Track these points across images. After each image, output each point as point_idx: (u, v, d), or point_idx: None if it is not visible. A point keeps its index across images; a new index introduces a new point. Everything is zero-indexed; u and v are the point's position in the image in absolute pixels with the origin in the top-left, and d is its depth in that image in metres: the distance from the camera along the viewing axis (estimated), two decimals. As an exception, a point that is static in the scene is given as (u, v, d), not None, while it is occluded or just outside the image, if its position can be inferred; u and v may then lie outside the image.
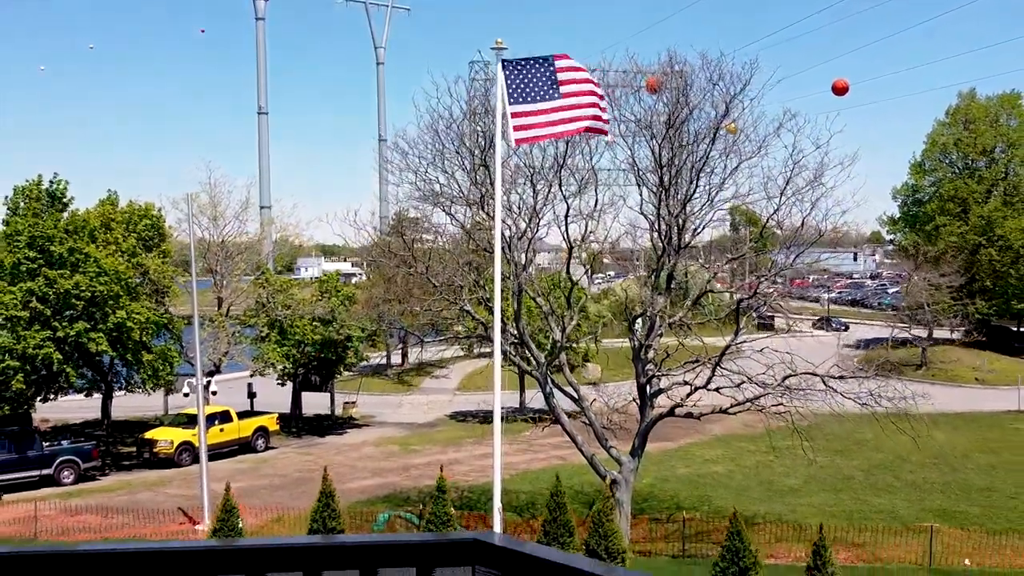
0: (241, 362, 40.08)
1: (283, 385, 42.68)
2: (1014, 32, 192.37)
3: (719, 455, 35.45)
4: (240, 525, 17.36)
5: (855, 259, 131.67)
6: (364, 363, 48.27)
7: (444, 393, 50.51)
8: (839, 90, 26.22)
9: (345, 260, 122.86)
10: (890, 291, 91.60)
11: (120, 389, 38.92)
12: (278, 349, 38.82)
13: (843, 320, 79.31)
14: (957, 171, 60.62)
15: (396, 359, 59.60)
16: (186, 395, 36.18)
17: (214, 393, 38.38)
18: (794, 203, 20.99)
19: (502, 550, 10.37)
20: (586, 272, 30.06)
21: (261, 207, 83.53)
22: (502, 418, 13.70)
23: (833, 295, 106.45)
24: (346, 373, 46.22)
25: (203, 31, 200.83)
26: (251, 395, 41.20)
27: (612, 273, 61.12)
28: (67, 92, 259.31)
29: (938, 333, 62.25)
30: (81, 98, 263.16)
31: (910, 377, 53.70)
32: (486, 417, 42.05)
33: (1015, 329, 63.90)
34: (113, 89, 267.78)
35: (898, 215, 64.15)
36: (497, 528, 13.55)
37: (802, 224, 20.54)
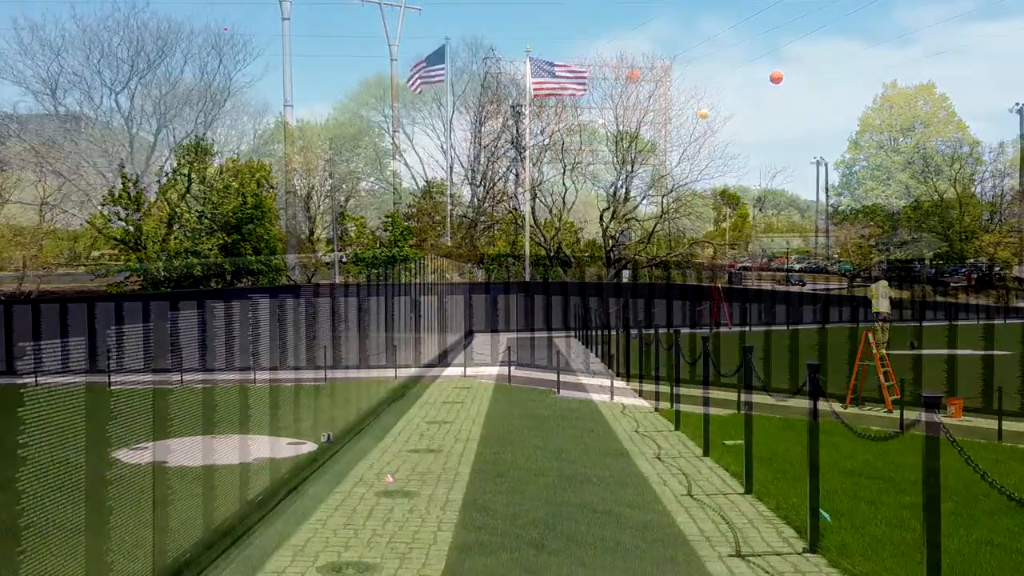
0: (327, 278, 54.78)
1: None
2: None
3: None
4: None
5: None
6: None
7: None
8: (775, 80, 40.36)
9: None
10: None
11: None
12: (355, 267, 53.42)
13: (802, 279, 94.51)
14: (883, 145, 75.06)
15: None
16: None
17: None
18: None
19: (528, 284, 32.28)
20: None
21: (287, 192, 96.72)
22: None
23: (803, 264, 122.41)
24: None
25: (226, 29, 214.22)
26: (331, 309, 56.04)
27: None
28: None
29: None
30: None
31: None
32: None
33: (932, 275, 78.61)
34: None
35: (839, 183, 78.68)
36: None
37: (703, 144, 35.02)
